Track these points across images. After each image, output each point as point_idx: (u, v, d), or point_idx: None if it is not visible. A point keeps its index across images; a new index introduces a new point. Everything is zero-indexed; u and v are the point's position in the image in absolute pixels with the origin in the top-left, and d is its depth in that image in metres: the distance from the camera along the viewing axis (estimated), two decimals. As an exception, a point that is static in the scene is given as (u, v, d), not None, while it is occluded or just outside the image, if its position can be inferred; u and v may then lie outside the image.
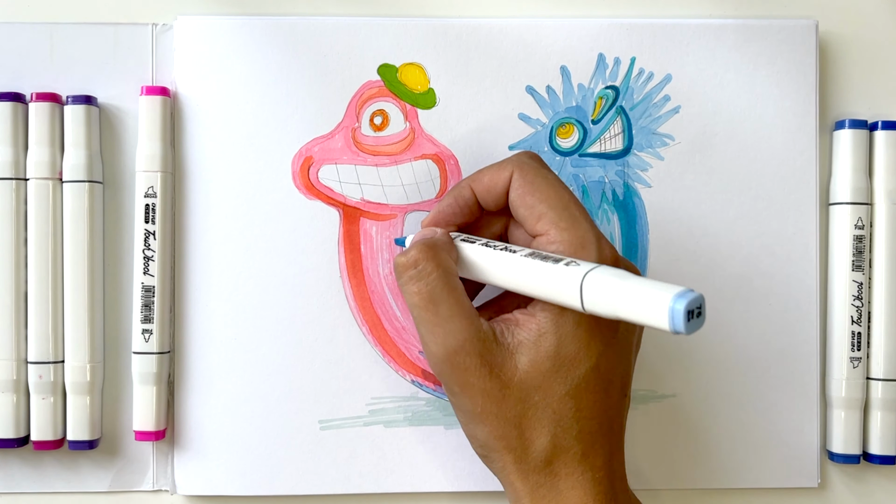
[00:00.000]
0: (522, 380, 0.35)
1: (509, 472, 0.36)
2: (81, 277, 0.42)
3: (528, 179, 0.37)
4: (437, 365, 0.36)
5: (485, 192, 0.38)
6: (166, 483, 0.43)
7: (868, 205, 0.44)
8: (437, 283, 0.36)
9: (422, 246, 0.37)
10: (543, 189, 0.37)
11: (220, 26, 0.43)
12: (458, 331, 0.35)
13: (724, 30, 0.44)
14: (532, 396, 0.35)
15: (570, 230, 0.36)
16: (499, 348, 0.35)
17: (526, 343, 0.35)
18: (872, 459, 0.44)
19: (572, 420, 0.35)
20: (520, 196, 0.37)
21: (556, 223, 0.36)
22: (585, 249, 0.35)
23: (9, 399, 0.42)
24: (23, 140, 0.42)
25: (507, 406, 0.35)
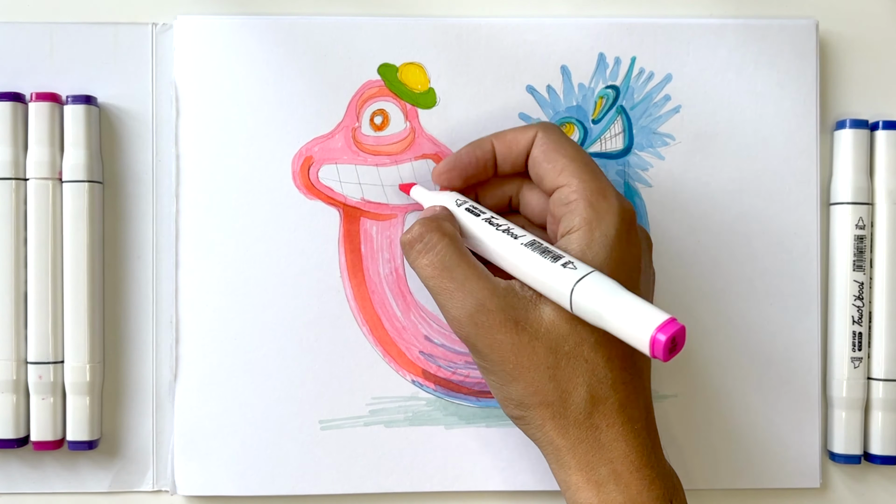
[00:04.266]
0: (549, 329, 0.35)
1: (548, 429, 0.35)
2: (81, 277, 0.42)
3: (552, 138, 0.38)
4: (461, 329, 0.36)
5: (506, 148, 0.39)
6: (166, 483, 0.43)
7: (869, 205, 0.44)
8: (446, 250, 0.36)
9: (423, 220, 0.37)
10: (566, 146, 0.38)
11: (220, 26, 0.43)
12: (475, 290, 0.35)
13: (725, 29, 0.44)
14: (562, 346, 0.35)
15: (592, 181, 0.36)
16: (520, 301, 0.35)
17: None
18: (873, 460, 0.44)
19: (605, 368, 0.35)
20: (543, 152, 0.38)
21: (579, 174, 0.37)
22: (607, 199, 0.36)
23: (9, 399, 0.42)
24: (23, 140, 0.42)
25: (539, 357, 0.35)
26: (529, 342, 0.35)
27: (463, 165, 0.39)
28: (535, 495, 0.44)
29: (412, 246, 0.37)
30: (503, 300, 0.35)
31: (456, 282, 0.36)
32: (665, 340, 0.30)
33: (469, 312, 0.35)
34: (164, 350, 0.43)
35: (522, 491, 0.43)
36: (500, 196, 0.41)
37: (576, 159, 0.37)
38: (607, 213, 0.36)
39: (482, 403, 0.43)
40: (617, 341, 0.34)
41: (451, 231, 0.37)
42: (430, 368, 0.43)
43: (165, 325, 0.43)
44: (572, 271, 0.33)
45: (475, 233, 0.37)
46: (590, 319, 0.32)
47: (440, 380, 0.43)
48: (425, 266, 0.36)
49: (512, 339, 0.35)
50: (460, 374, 0.43)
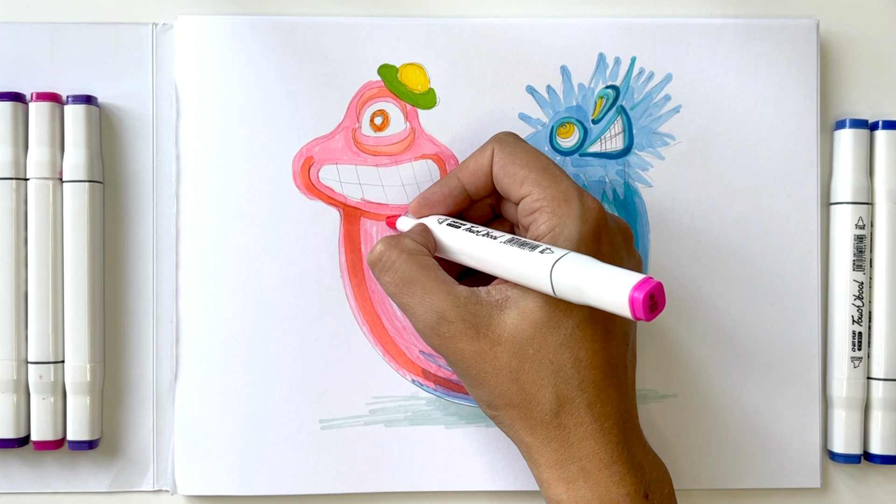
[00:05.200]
0: (513, 334, 0.35)
1: (518, 428, 0.36)
2: (81, 277, 0.42)
3: (508, 151, 0.38)
4: (427, 340, 0.37)
5: (471, 175, 0.39)
6: (166, 483, 0.43)
7: (869, 204, 0.44)
8: (404, 266, 0.37)
9: (384, 238, 0.38)
10: (522, 155, 0.38)
11: (221, 26, 0.43)
12: (436, 303, 0.36)
13: (725, 29, 0.44)
14: (526, 350, 0.35)
15: (551, 187, 0.37)
16: (483, 308, 0.36)
17: (513, 297, 0.36)
18: (873, 459, 0.44)
19: (572, 370, 0.35)
20: (502, 167, 0.38)
21: (538, 182, 0.37)
22: (568, 202, 0.36)
23: (9, 399, 0.42)
24: (23, 140, 0.42)
25: (501, 363, 0.36)
26: (491, 348, 0.36)
27: (430, 203, 0.40)
28: (536, 495, 0.44)
29: (374, 265, 0.38)
30: (464, 309, 0.36)
31: (416, 296, 0.36)
32: (643, 297, 0.30)
33: (431, 325, 0.36)
34: (165, 350, 0.43)
35: (522, 491, 0.44)
36: (482, 209, 0.41)
37: (534, 167, 0.38)
38: (569, 217, 0.36)
39: (482, 403, 0.43)
40: (585, 341, 0.35)
41: (412, 247, 0.38)
42: (430, 368, 0.43)
43: (166, 324, 0.43)
44: (549, 255, 0.34)
45: (458, 244, 0.38)
46: (571, 297, 0.33)
47: (440, 379, 0.43)
48: (388, 283, 0.37)
49: (473, 346, 0.36)
50: (460, 374, 0.43)
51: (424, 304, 0.36)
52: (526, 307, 0.35)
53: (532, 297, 0.35)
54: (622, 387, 0.37)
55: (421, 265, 0.37)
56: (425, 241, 0.38)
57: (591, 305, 0.32)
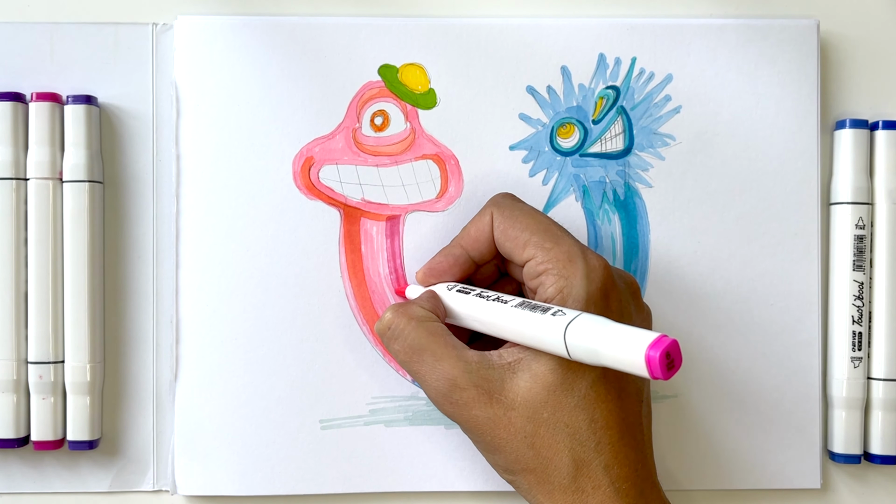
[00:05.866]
0: (526, 398, 0.35)
1: (536, 493, 0.36)
2: (81, 277, 0.42)
3: (506, 214, 0.38)
4: (440, 408, 0.37)
5: (473, 243, 0.39)
6: (166, 483, 0.43)
7: (869, 204, 0.44)
8: (413, 334, 0.37)
9: (392, 307, 0.38)
10: (522, 218, 0.38)
11: (221, 26, 0.43)
12: (446, 370, 0.36)
13: (725, 30, 0.44)
14: (540, 413, 0.35)
15: (554, 248, 0.37)
16: (495, 372, 0.36)
17: (525, 360, 0.35)
18: (873, 459, 0.44)
19: (588, 432, 0.35)
20: (502, 231, 0.38)
21: (541, 245, 0.37)
22: (573, 263, 0.36)
23: (9, 399, 0.42)
24: (23, 140, 0.42)
25: (516, 428, 0.35)
26: (505, 413, 0.35)
27: (437, 273, 0.40)
28: (535, 495, 0.44)
29: (383, 334, 0.38)
30: (475, 375, 0.35)
31: (427, 364, 0.36)
32: (659, 356, 0.30)
33: (443, 392, 0.36)
34: (165, 350, 0.43)
35: (522, 491, 0.44)
36: (487, 270, 0.41)
37: (535, 230, 0.38)
38: (575, 278, 0.36)
39: (482, 403, 0.43)
40: (599, 402, 0.35)
41: (421, 314, 0.37)
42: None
43: (166, 324, 0.43)
44: (562, 317, 0.34)
45: (468, 310, 0.38)
46: (586, 359, 0.33)
47: (440, 380, 0.43)
48: (398, 351, 0.37)
49: (487, 412, 0.35)
50: (460, 375, 0.43)
51: (435, 371, 0.36)
52: (539, 370, 0.35)
53: (544, 359, 0.35)
54: (639, 445, 0.36)
55: (430, 332, 0.37)
56: (434, 308, 0.38)
57: (607, 366, 0.32)
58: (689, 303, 0.44)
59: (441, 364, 0.36)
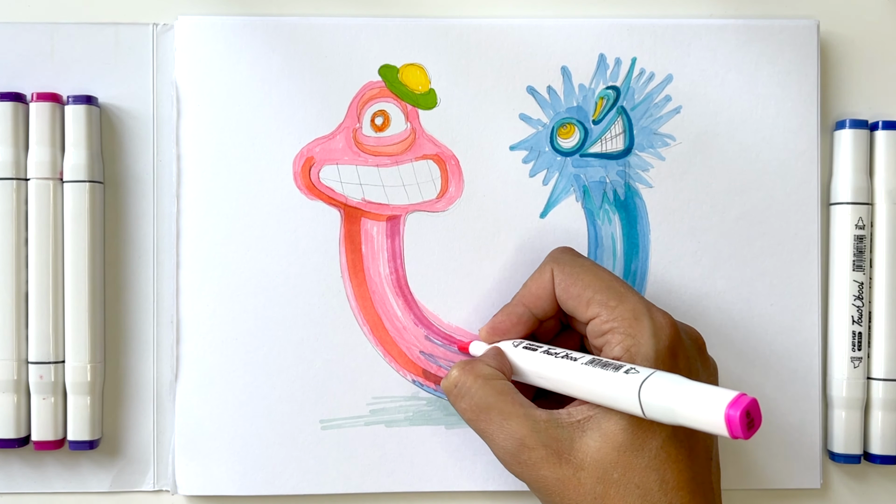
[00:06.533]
0: (596, 459, 0.34)
1: None
2: (82, 277, 0.42)
3: (568, 272, 0.38)
4: (508, 467, 0.36)
5: (535, 300, 0.39)
6: (167, 483, 0.43)
7: (869, 205, 0.44)
8: (480, 392, 0.36)
9: (459, 364, 0.38)
10: (584, 276, 0.38)
11: (221, 26, 0.43)
12: (515, 430, 0.35)
13: (725, 30, 0.44)
14: (611, 474, 0.34)
15: (619, 306, 0.36)
16: (564, 431, 0.35)
17: (594, 418, 0.35)
18: (873, 459, 0.44)
19: (659, 493, 0.34)
20: (565, 290, 0.38)
21: (605, 303, 0.37)
22: (639, 321, 0.36)
23: (9, 399, 0.42)
24: (23, 140, 0.42)
25: (586, 489, 0.34)
26: (574, 474, 0.35)
27: (503, 330, 0.40)
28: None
29: (450, 392, 0.38)
30: (544, 434, 0.35)
31: (494, 423, 0.36)
32: (739, 415, 0.29)
33: (511, 452, 0.35)
34: (165, 350, 0.43)
35: (523, 491, 0.44)
36: (549, 324, 0.41)
37: (598, 288, 0.37)
38: (643, 336, 0.35)
39: (483, 403, 0.43)
40: (670, 462, 0.34)
41: (488, 372, 0.37)
42: (430, 368, 0.43)
43: (166, 324, 0.43)
44: (636, 375, 0.33)
45: (536, 367, 0.38)
46: (662, 418, 0.32)
47: (440, 379, 0.43)
48: (464, 410, 0.37)
49: (556, 473, 0.35)
50: (461, 375, 0.43)
51: (504, 430, 0.36)
52: (609, 429, 0.34)
53: (614, 418, 0.35)
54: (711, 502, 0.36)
55: (498, 390, 0.36)
56: (500, 366, 0.38)
57: (683, 425, 0.32)
58: (689, 303, 0.44)
59: (509, 423, 0.35)
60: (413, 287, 0.43)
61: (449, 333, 0.43)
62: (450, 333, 0.43)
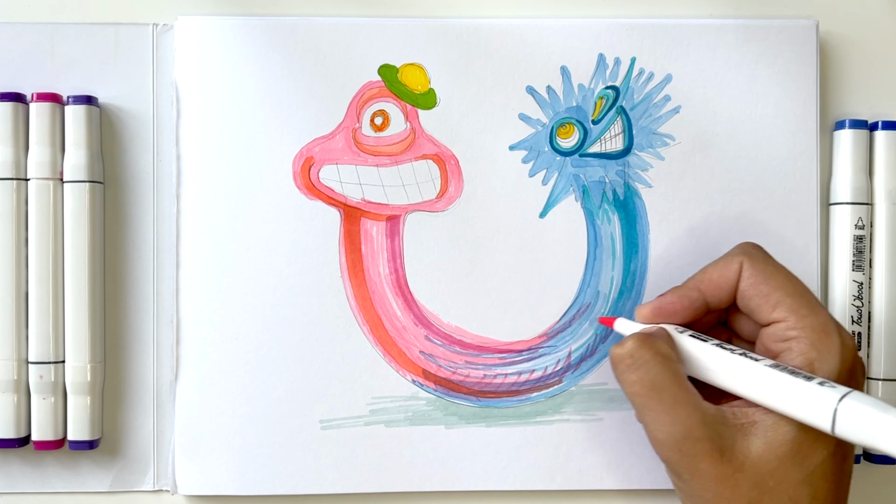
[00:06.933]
0: (756, 463, 0.34)
1: None
2: (82, 277, 0.42)
3: (760, 268, 0.37)
4: (664, 452, 0.36)
5: (714, 289, 0.38)
6: (167, 483, 0.43)
7: (868, 205, 0.44)
8: (656, 369, 0.35)
9: (638, 335, 0.37)
10: (777, 277, 0.37)
11: (221, 26, 0.43)
12: (684, 417, 0.35)
13: (725, 30, 0.44)
14: (766, 482, 0.34)
15: (811, 317, 0.35)
16: (729, 430, 0.35)
17: (762, 424, 0.35)
18: (873, 459, 0.44)
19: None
20: (753, 285, 0.37)
21: (796, 310, 0.36)
22: (829, 337, 0.35)
23: (9, 399, 0.42)
24: (23, 140, 0.42)
25: (741, 491, 0.34)
26: (733, 474, 0.34)
27: (670, 312, 0.38)
28: (535, 494, 0.44)
29: (622, 360, 0.36)
30: (711, 428, 0.34)
31: (664, 404, 0.35)
32: None
33: (675, 438, 0.35)
34: (165, 350, 0.43)
35: (522, 490, 0.44)
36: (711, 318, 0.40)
37: (791, 292, 0.36)
38: (829, 353, 0.35)
39: (482, 403, 0.43)
40: (824, 480, 0.34)
41: (666, 351, 0.36)
42: (430, 368, 0.43)
43: (166, 324, 0.43)
44: (832, 389, 0.33)
45: (703, 358, 0.36)
46: (856, 440, 0.32)
47: (440, 379, 0.43)
48: (633, 383, 0.36)
49: (716, 469, 0.34)
50: (460, 374, 0.43)
51: (672, 414, 0.35)
52: (776, 438, 0.34)
53: (783, 427, 0.34)
54: None
55: (674, 372, 0.35)
56: (673, 349, 0.37)
57: (876, 449, 0.31)
58: (688, 303, 0.44)
59: (679, 409, 0.35)
60: (413, 287, 0.43)
61: (448, 333, 0.43)
62: (449, 333, 0.43)
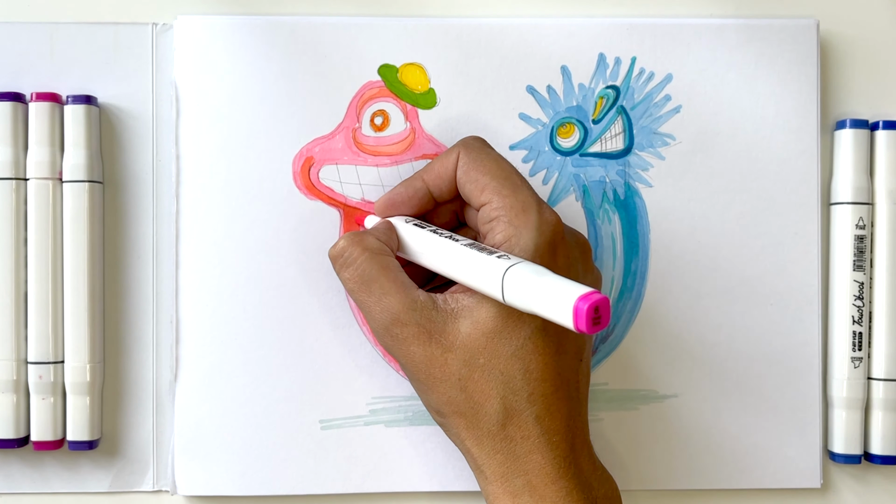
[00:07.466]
0: (465, 343, 0.35)
1: (464, 437, 0.36)
2: (81, 277, 0.42)
3: (473, 157, 0.38)
4: (380, 339, 0.37)
5: (436, 178, 0.39)
6: (166, 483, 0.43)
7: (869, 204, 0.44)
8: (365, 264, 0.37)
9: (347, 234, 0.38)
10: (486, 163, 0.38)
11: (220, 26, 0.43)
12: (392, 304, 0.36)
13: (725, 29, 0.44)
14: (477, 359, 0.35)
15: (510, 196, 0.37)
16: (439, 314, 0.36)
17: (469, 307, 0.36)
18: (874, 460, 0.44)
19: (522, 381, 0.35)
20: (465, 172, 0.38)
21: (499, 191, 0.37)
22: (526, 213, 0.36)
23: (9, 399, 0.42)
24: (23, 140, 0.42)
25: (451, 370, 0.36)
26: (442, 354, 0.36)
27: (395, 204, 0.40)
28: (536, 495, 0.44)
29: (335, 260, 0.38)
30: (419, 313, 0.36)
31: (374, 295, 0.37)
32: (587, 309, 0.30)
33: (385, 325, 0.36)
34: (165, 350, 0.43)
35: (522, 491, 0.43)
36: (446, 215, 0.41)
37: (496, 175, 0.38)
38: (525, 229, 0.36)
39: (482, 403, 0.43)
40: (536, 353, 0.35)
41: (375, 245, 0.38)
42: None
43: (165, 325, 0.43)
44: (505, 261, 0.34)
45: (420, 245, 0.38)
46: (519, 305, 0.33)
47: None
48: (347, 279, 0.37)
49: (424, 350, 0.36)
50: (460, 374, 0.43)
51: (381, 303, 0.36)
52: (480, 316, 0.35)
53: (486, 306, 0.35)
54: (572, 401, 0.37)
55: (382, 265, 0.37)
56: (388, 240, 0.38)
57: (537, 314, 0.32)
58: (688, 303, 0.44)
59: (387, 298, 0.36)
60: (413, 287, 0.43)
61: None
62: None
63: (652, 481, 0.44)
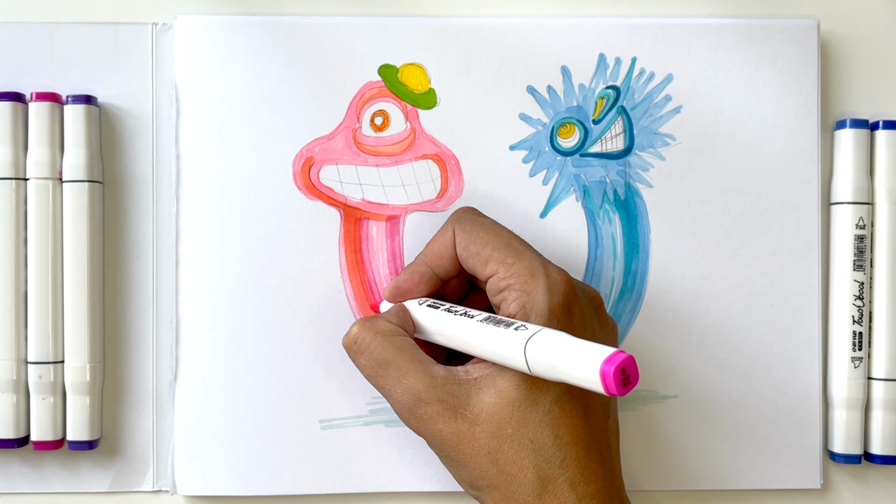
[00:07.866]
0: (491, 414, 0.35)
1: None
2: (81, 277, 0.42)
3: (468, 230, 0.38)
4: (407, 422, 0.37)
5: (437, 259, 0.39)
6: (166, 483, 0.43)
7: (869, 204, 0.44)
8: (380, 348, 0.37)
9: (359, 322, 0.38)
10: (483, 234, 0.38)
11: (221, 26, 0.43)
12: (412, 384, 0.36)
13: (726, 29, 0.44)
14: (504, 429, 0.35)
15: (516, 264, 0.37)
16: (460, 387, 0.36)
17: (490, 375, 0.35)
18: (874, 460, 0.44)
19: (553, 448, 0.35)
20: (464, 248, 0.38)
21: (503, 261, 0.37)
22: (535, 277, 0.36)
23: (9, 399, 0.42)
24: (23, 140, 0.42)
25: (480, 443, 0.35)
26: (469, 429, 0.35)
27: (405, 290, 0.40)
28: (536, 495, 0.44)
29: (349, 349, 0.38)
30: (440, 390, 0.36)
31: (392, 378, 0.36)
32: (613, 372, 0.29)
33: (409, 407, 0.36)
34: (165, 350, 0.43)
35: (523, 491, 0.44)
36: (455, 285, 0.41)
37: (496, 245, 0.38)
38: (537, 293, 0.36)
39: (482, 403, 0.43)
40: (564, 417, 0.35)
41: (388, 328, 0.37)
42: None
43: (165, 324, 0.43)
44: (524, 332, 0.33)
45: (437, 325, 0.38)
46: (546, 374, 0.32)
47: (440, 380, 0.43)
48: (363, 366, 0.37)
49: (451, 427, 0.35)
50: (460, 375, 0.43)
51: (401, 385, 0.36)
52: (503, 386, 0.35)
53: (508, 375, 0.35)
54: (605, 462, 0.36)
55: (396, 346, 0.37)
56: (402, 322, 0.38)
57: (564, 381, 0.32)
58: (689, 303, 0.44)
59: (406, 378, 0.36)
60: (413, 287, 0.43)
61: (449, 333, 0.43)
62: (449, 333, 0.43)
63: (652, 482, 0.44)
